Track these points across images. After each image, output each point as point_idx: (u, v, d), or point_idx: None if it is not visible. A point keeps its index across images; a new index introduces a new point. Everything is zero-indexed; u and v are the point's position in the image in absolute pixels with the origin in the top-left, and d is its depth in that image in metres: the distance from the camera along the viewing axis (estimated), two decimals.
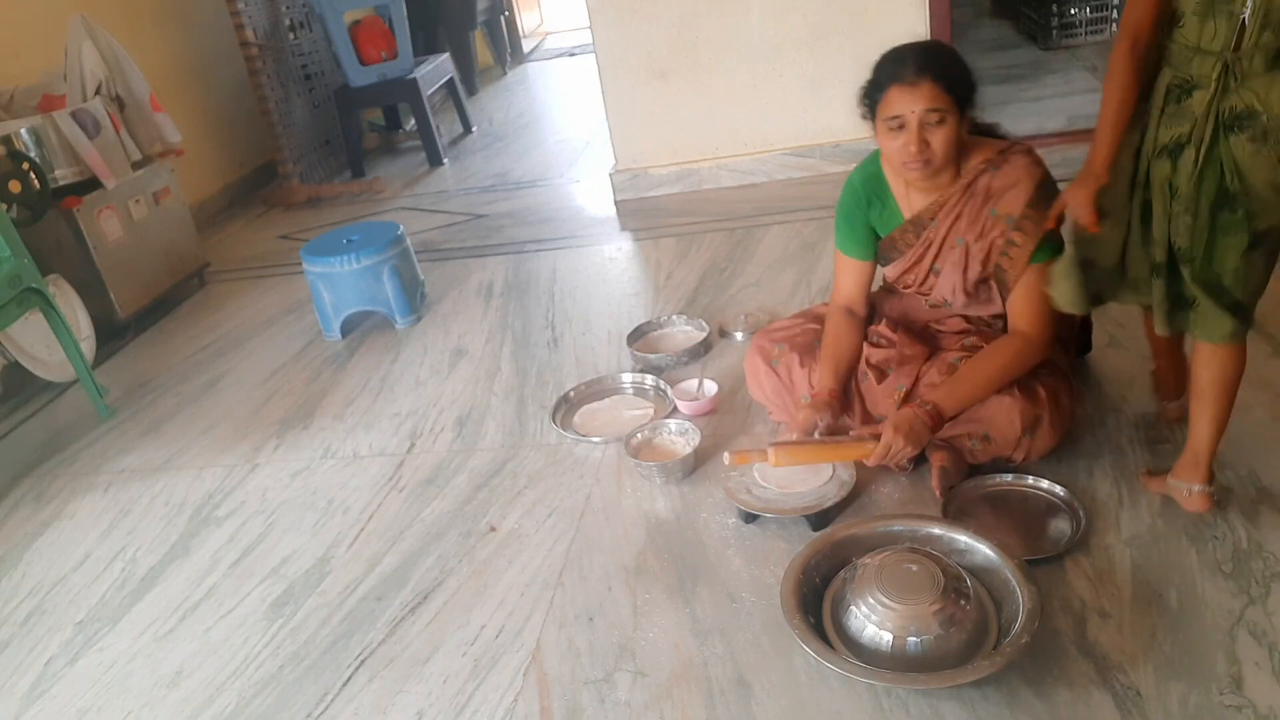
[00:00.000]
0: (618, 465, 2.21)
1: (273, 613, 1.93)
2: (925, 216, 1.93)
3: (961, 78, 1.80)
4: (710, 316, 2.82)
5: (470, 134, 5.70)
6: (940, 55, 1.81)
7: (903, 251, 2.00)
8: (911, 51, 1.81)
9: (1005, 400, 1.85)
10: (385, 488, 2.29)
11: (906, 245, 1.98)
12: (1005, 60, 5.12)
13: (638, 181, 4.03)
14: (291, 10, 5.00)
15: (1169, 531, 1.72)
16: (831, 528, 1.82)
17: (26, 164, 2.96)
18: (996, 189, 1.85)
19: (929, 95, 1.76)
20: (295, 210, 4.74)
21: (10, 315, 2.64)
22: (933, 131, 1.78)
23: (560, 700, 1.60)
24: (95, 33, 3.41)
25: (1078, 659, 1.50)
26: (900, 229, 1.98)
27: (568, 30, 8.87)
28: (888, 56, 1.84)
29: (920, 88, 1.76)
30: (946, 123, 1.78)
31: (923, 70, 1.76)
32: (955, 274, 1.93)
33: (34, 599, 2.11)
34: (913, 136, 1.79)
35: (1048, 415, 1.86)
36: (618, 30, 3.79)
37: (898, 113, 1.78)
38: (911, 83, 1.76)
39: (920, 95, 1.76)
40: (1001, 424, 1.86)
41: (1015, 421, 1.84)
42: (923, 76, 1.76)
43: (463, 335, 3.04)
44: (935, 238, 1.93)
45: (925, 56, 1.79)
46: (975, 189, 1.87)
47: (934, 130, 1.78)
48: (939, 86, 1.76)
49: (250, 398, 2.85)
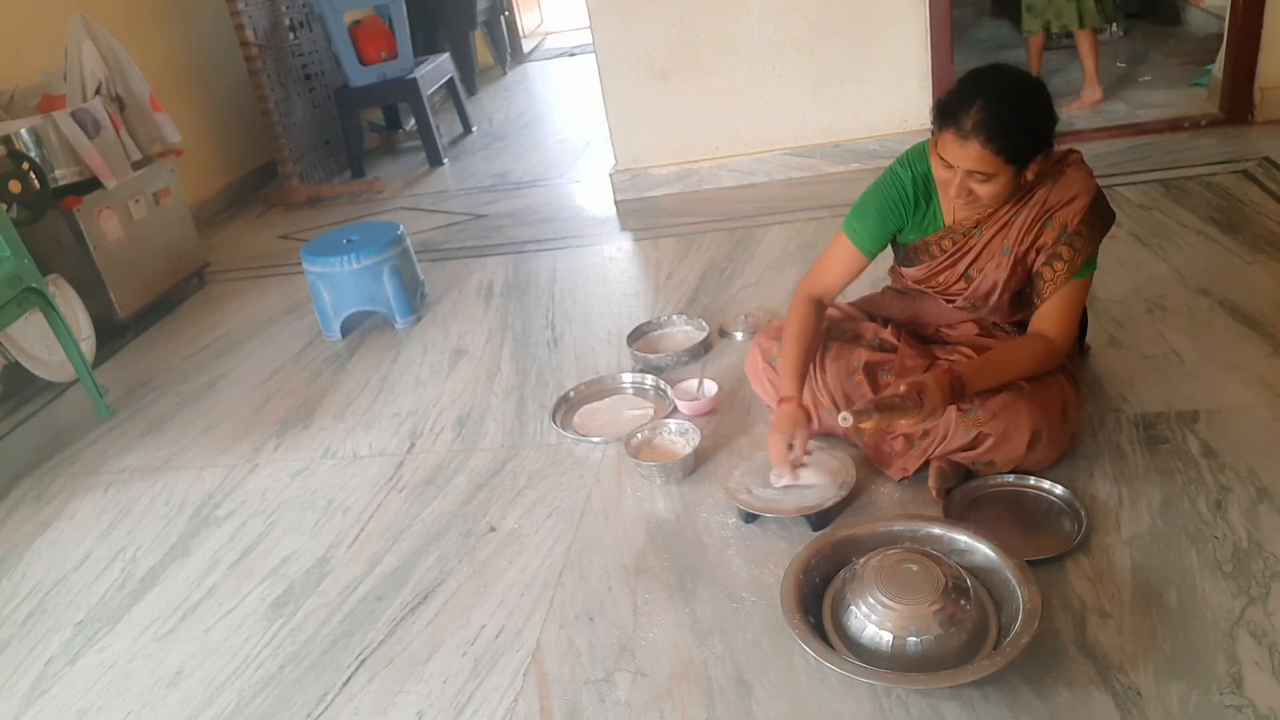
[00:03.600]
0: (618, 465, 2.21)
1: (273, 613, 1.93)
2: (968, 223, 1.89)
3: (1023, 139, 1.69)
4: (710, 316, 2.82)
5: (470, 134, 5.70)
6: (1003, 115, 1.66)
7: (936, 256, 1.95)
8: (975, 102, 1.68)
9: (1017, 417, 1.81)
10: (385, 488, 2.29)
11: (942, 251, 1.94)
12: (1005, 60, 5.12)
13: (638, 181, 4.03)
14: (291, 10, 5.00)
15: (1169, 531, 1.72)
16: (831, 528, 1.81)
17: (26, 164, 2.96)
18: (1054, 202, 1.81)
19: (976, 157, 1.69)
20: (295, 210, 4.74)
21: (10, 315, 2.63)
22: (979, 184, 1.74)
23: (560, 700, 1.60)
24: (95, 33, 3.41)
25: (1078, 659, 1.50)
26: (939, 234, 1.93)
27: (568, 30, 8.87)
28: (964, 86, 1.73)
29: (969, 147, 1.68)
30: (995, 180, 1.72)
31: (977, 129, 1.66)
32: (992, 279, 1.90)
33: (34, 599, 2.11)
34: (958, 185, 1.74)
35: (1048, 432, 1.83)
36: (618, 30, 3.79)
37: (946, 158, 1.73)
38: (963, 138, 1.68)
39: (968, 155, 1.69)
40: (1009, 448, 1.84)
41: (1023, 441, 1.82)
42: (975, 136, 1.67)
43: (463, 335, 3.04)
44: (978, 244, 1.88)
45: (985, 113, 1.66)
46: (1032, 200, 1.82)
47: (981, 184, 1.73)
48: (989, 150, 1.67)
49: (250, 398, 2.85)
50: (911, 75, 3.72)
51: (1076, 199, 1.80)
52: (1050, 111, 1.74)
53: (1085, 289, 1.87)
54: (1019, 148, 1.70)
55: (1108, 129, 3.80)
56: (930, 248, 1.95)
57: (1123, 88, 4.30)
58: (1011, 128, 1.67)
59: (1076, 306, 1.85)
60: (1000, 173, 1.71)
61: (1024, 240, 1.85)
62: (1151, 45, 4.94)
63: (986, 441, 1.83)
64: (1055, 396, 1.86)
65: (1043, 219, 1.83)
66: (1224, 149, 3.44)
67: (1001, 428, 1.81)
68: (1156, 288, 2.56)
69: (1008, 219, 1.85)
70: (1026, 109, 1.70)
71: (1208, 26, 4.86)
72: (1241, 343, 2.25)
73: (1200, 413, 2.02)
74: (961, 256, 1.92)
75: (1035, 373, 1.85)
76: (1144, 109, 3.97)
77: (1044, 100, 1.74)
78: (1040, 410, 1.82)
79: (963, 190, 1.76)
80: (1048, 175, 1.82)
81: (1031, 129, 1.71)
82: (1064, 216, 1.81)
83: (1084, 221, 1.80)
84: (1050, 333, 1.85)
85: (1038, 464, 1.88)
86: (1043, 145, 1.74)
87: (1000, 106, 1.67)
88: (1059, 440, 1.88)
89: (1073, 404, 1.91)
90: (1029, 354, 1.85)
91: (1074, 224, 1.80)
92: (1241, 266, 2.60)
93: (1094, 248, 1.82)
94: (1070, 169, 1.83)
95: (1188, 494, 1.80)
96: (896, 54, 3.70)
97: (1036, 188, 1.83)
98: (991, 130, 1.66)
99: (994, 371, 1.83)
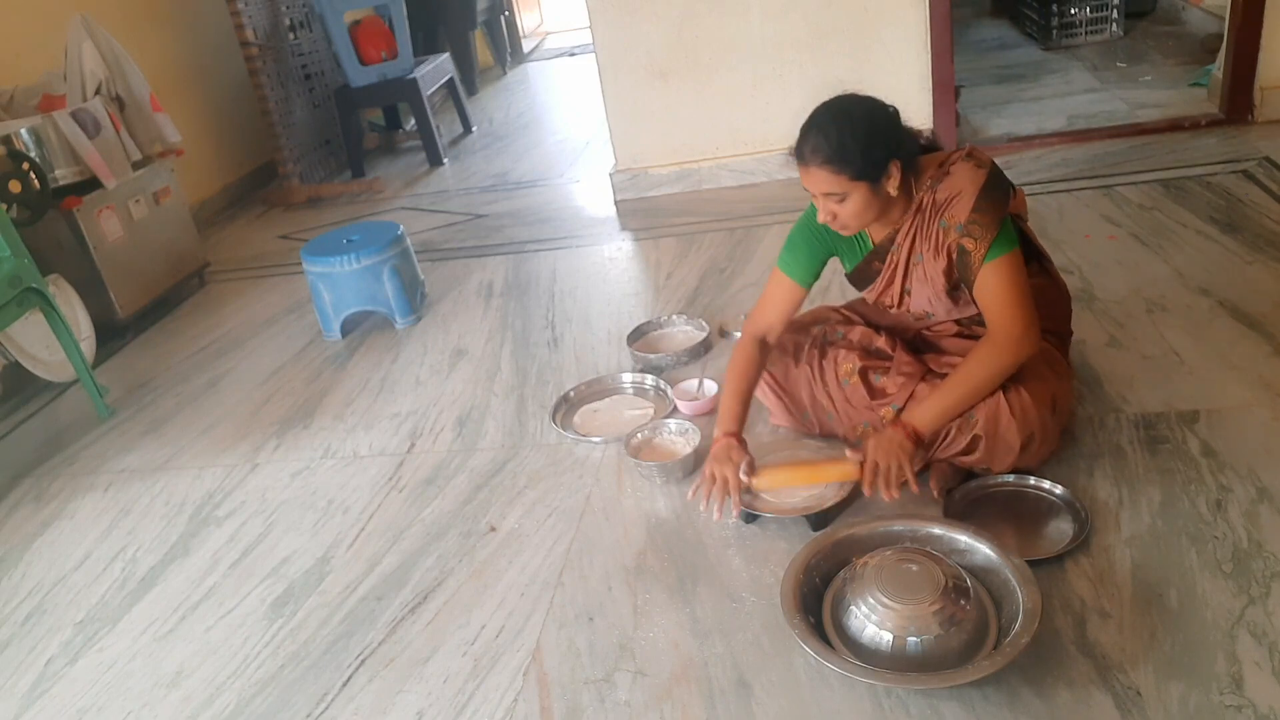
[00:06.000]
0: (618, 465, 2.21)
1: (273, 613, 1.93)
2: (887, 241, 1.91)
3: (857, 154, 1.71)
4: (710, 316, 2.82)
5: (470, 134, 5.70)
6: (831, 136, 1.72)
7: (873, 277, 1.98)
8: (810, 129, 1.75)
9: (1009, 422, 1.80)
10: (385, 488, 2.29)
11: (875, 273, 1.97)
12: (1005, 60, 5.13)
13: (638, 181, 4.03)
14: (291, 10, 5.00)
15: (1169, 531, 1.72)
16: (831, 528, 1.81)
17: (26, 164, 2.96)
18: (941, 201, 1.81)
19: (821, 180, 1.74)
20: (295, 210, 4.74)
21: (10, 315, 2.64)
22: (838, 205, 1.78)
23: (560, 700, 1.60)
24: (95, 33, 3.41)
25: (1078, 659, 1.50)
26: (867, 257, 1.96)
27: (568, 30, 8.86)
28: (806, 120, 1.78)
29: (812, 172, 1.75)
30: (851, 199, 1.76)
31: (814, 153, 1.73)
32: (925, 288, 1.91)
33: (34, 599, 2.11)
34: (823, 209, 1.80)
35: (1040, 431, 1.83)
36: (618, 30, 3.79)
37: (806, 187, 1.79)
38: (804, 165, 1.75)
39: (814, 180, 1.75)
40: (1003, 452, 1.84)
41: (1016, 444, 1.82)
42: (813, 160, 1.73)
43: (463, 335, 3.04)
44: (899, 260, 1.90)
45: (818, 138, 1.73)
46: (922, 206, 1.84)
47: (839, 205, 1.77)
48: (827, 171, 1.73)
49: (250, 398, 2.85)
50: (911, 75, 3.72)
51: (960, 195, 1.78)
52: (884, 122, 1.76)
53: (1010, 267, 1.78)
54: (855, 163, 1.72)
55: (1108, 129, 3.80)
56: (868, 269, 1.98)
57: (1123, 88, 4.30)
58: (839, 146, 1.71)
59: (1010, 289, 1.78)
60: (852, 190, 1.75)
61: (929, 244, 1.85)
62: (1151, 45, 4.94)
63: (981, 445, 1.83)
64: (1043, 392, 1.84)
65: (937, 220, 1.82)
66: (1224, 149, 3.44)
67: (994, 430, 1.82)
68: (1156, 288, 2.56)
69: (911, 228, 1.86)
70: (855, 126, 1.73)
71: (1208, 26, 4.86)
72: (1241, 343, 2.25)
73: (1200, 413, 2.02)
74: (893, 274, 1.93)
75: (994, 381, 1.80)
76: (1144, 109, 3.97)
77: (875, 114, 1.76)
78: (1032, 409, 1.81)
79: (828, 214, 1.80)
80: (934, 179, 1.82)
81: (865, 144, 1.72)
82: (953, 214, 1.79)
83: (975, 210, 1.77)
84: (996, 326, 1.80)
85: (1035, 460, 1.88)
86: (886, 155, 1.75)
87: (829, 129, 1.73)
88: (1052, 434, 1.88)
89: (1062, 394, 1.90)
90: (979, 366, 1.80)
91: (964, 216, 1.78)
92: (1241, 266, 2.60)
93: (994, 231, 1.76)
94: (954, 167, 1.82)
95: (1188, 494, 1.80)
96: (896, 54, 3.70)
97: (922, 193, 1.83)
98: (825, 153, 1.72)
99: (942, 407, 1.81)
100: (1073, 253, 2.83)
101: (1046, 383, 1.86)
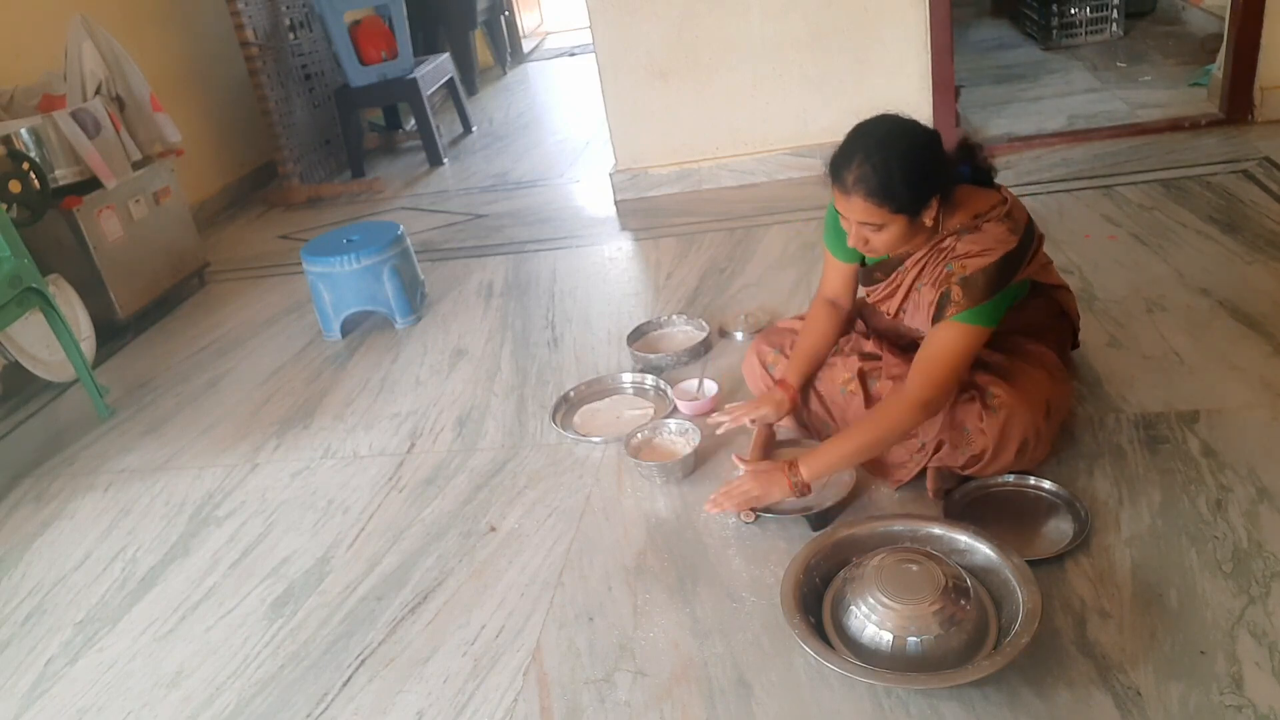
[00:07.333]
0: (618, 465, 2.21)
1: (273, 613, 1.93)
2: (896, 260, 1.89)
3: (904, 191, 1.68)
4: (710, 316, 2.82)
5: (470, 134, 5.70)
6: (879, 169, 1.67)
7: (877, 282, 1.97)
8: (853, 155, 1.69)
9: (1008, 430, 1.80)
10: (385, 488, 2.29)
11: (877, 280, 1.96)
12: (1005, 60, 5.13)
13: (638, 181, 4.03)
14: (291, 10, 5.00)
15: (1169, 531, 1.72)
16: (831, 528, 1.81)
17: (26, 164, 2.96)
18: (961, 253, 1.77)
19: (860, 210, 1.71)
20: (295, 210, 4.74)
21: (10, 315, 2.63)
22: (873, 234, 1.75)
23: (560, 700, 1.60)
24: (95, 33, 3.41)
25: (1078, 659, 1.50)
26: (878, 261, 1.94)
27: (568, 30, 8.86)
28: (847, 141, 1.74)
29: (853, 201, 1.71)
30: (887, 229, 1.73)
31: (856, 185, 1.68)
32: (918, 314, 1.90)
33: (34, 599, 2.11)
34: (854, 234, 1.77)
35: (1034, 437, 1.83)
36: (618, 30, 3.79)
37: (839, 210, 1.76)
38: (845, 193, 1.71)
39: (852, 208, 1.72)
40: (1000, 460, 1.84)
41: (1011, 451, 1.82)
42: (855, 191, 1.69)
43: (463, 335, 3.04)
44: (903, 281, 1.89)
45: (863, 168, 1.67)
46: (943, 246, 1.80)
47: (874, 233, 1.75)
48: (871, 204, 1.69)
49: (250, 398, 2.85)
50: (912, 75, 3.72)
51: (982, 255, 1.74)
52: (929, 155, 1.71)
53: (969, 339, 1.75)
54: (901, 199, 1.69)
55: (1108, 129, 3.80)
56: (874, 273, 1.96)
57: (1123, 88, 4.30)
58: (887, 181, 1.67)
59: (953, 355, 1.75)
60: (890, 222, 1.72)
61: (931, 279, 1.82)
62: (1151, 45, 4.94)
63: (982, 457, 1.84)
64: (1038, 397, 1.84)
65: (947, 262, 1.79)
66: (1224, 149, 3.44)
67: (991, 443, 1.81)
68: (1156, 288, 2.56)
69: (923, 259, 1.83)
70: (906, 161, 1.68)
71: (1208, 26, 4.86)
72: (1241, 343, 2.25)
73: (1200, 413, 2.02)
74: (895, 289, 1.92)
75: (895, 437, 1.81)
76: (1144, 109, 3.97)
77: (920, 146, 1.72)
78: (1027, 416, 1.81)
79: (859, 239, 1.78)
80: (966, 228, 1.78)
81: (913, 180, 1.69)
82: (965, 262, 1.75)
83: (983, 271, 1.73)
84: (915, 381, 1.77)
85: (1030, 464, 1.88)
86: (930, 192, 1.72)
87: (878, 160, 1.67)
88: (1047, 438, 1.88)
89: (1057, 398, 1.90)
90: (880, 421, 1.79)
91: (970, 270, 1.74)
92: (1241, 266, 2.60)
93: (983, 301, 1.73)
94: (988, 226, 1.77)
95: (1188, 494, 1.80)
96: (896, 54, 3.70)
97: (952, 238, 1.79)
98: (870, 185, 1.67)
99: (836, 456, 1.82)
100: (1073, 253, 2.83)
101: (1040, 387, 1.86)
